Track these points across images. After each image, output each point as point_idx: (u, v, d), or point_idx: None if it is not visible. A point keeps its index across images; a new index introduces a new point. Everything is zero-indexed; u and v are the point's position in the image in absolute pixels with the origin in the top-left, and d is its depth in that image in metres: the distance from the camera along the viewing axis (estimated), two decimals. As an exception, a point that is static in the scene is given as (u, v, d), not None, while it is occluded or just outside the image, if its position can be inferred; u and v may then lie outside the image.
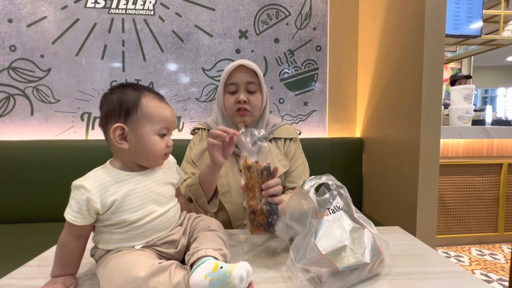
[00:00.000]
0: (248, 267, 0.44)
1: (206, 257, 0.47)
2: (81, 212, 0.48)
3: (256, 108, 0.80)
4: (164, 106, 0.55)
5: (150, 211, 0.52)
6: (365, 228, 0.56)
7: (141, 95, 0.52)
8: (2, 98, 1.48)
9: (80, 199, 0.47)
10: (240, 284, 0.43)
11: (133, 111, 0.51)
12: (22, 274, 0.56)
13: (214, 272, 0.43)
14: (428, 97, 1.10)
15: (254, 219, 0.60)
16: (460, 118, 1.68)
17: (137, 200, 0.51)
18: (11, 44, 1.47)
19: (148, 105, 0.52)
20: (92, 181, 0.49)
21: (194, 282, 0.43)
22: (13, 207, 1.38)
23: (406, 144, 1.20)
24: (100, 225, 0.51)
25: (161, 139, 0.53)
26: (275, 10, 1.62)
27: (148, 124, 0.51)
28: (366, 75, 1.59)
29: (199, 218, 0.62)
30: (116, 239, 0.51)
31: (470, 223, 1.82)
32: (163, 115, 0.53)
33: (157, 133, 0.53)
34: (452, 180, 1.78)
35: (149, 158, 0.53)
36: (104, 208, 0.48)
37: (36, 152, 1.39)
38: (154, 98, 0.54)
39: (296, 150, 0.88)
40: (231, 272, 0.43)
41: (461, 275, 0.55)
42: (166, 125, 0.54)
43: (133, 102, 0.51)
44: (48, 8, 1.48)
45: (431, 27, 1.08)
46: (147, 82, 1.58)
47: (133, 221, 0.50)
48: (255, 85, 0.79)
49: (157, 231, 0.54)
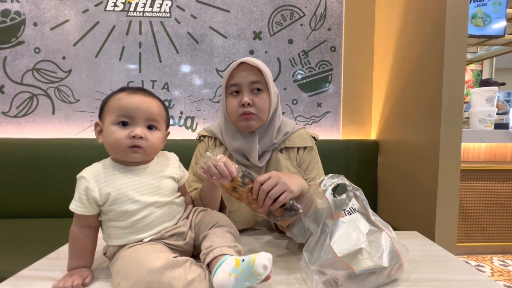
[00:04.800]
0: (269, 255, 0.44)
1: (223, 256, 0.46)
2: (81, 201, 0.50)
3: (263, 111, 0.70)
4: (128, 97, 0.53)
5: (149, 201, 0.53)
6: (383, 231, 0.54)
7: (116, 93, 0.55)
8: (26, 98, 1.55)
9: (80, 189, 0.50)
10: (265, 272, 0.42)
11: (103, 107, 0.55)
12: (42, 266, 0.58)
13: (237, 267, 0.43)
14: (449, 99, 1.06)
15: (276, 217, 0.58)
16: (481, 121, 1.61)
17: (134, 191, 0.52)
18: (36, 46, 1.54)
19: (114, 98, 0.54)
20: (90, 172, 0.52)
21: (219, 281, 0.43)
22: (34, 202, 1.43)
23: (425, 148, 1.16)
24: (105, 217, 0.52)
25: (120, 128, 0.52)
26: (289, 11, 1.62)
27: (107, 116, 0.53)
28: (382, 76, 1.56)
29: (204, 211, 0.61)
30: (123, 233, 0.52)
31: (492, 232, 1.73)
32: (119, 104, 0.52)
33: (114, 123, 0.52)
34: (473, 185, 1.70)
35: (113, 150, 0.53)
36: (102, 198, 0.50)
37: (56, 150, 1.45)
38: (125, 93, 0.54)
39: (311, 161, 0.79)
40: (254, 261, 0.43)
41: (486, 284, 0.52)
42: (122, 112, 0.51)
43: (105, 100, 0.55)
44: (70, 12, 1.54)
45: (452, 26, 1.05)
46: (162, 83, 1.61)
47: (133, 212, 0.51)
48: (260, 84, 0.69)
49: (162, 222, 0.54)
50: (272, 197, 0.54)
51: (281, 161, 0.75)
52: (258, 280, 0.43)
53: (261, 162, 0.74)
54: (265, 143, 0.74)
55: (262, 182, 0.54)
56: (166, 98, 1.61)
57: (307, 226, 0.57)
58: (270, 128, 0.74)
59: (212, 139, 0.81)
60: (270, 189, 0.54)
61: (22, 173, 1.42)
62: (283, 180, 0.55)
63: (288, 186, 0.55)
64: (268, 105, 0.71)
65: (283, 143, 0.77)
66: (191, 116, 1.64)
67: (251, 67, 0.69)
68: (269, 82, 0.70)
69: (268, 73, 0.70)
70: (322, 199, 0.55)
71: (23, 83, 1.54)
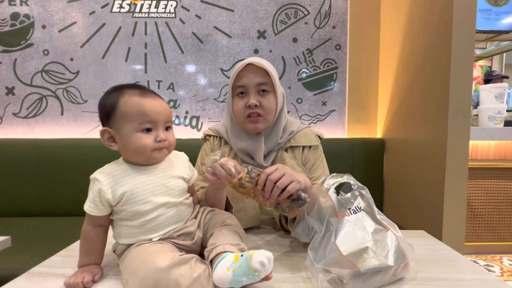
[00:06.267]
0: (269, 254, 0.44)
1: (225, 253, 0.47)
2: (94, 203, 0.51)
3: (270, 112, 0.70)
4: (144, 100, 0.52)
5: (161, 202, 0.53)
6: (389, 230, 0.54)
7: (120, 96, 0.52)
8: (36, 99, 1.59)
9: (94, 190, 0.51)
10: (262, 269, 0.42)
11: (112, 114, 0.52)
12: (54, 263, 0.60)
13: (235, 262, 0.44)
14: (457, 96, 1.04)
15: (284, 209, 0.58)
16: (490, 119, 1.58)
17: (146, 191, 0.53)
18: (45, 48, 1.57)
19: (125, 104, 0.52)
20: (104, 174, 0.52)
21: (218, 276, 0.44)
22: (44, 201, 1.47)
23: (432, 146, 1.15)
24: (117, 217, 0.53)
25: (146, 134, 0.52)
26: (293, 9, 1.62)
27: (126, 124, 0.51)
28: (388, 73, 1.54)
29: (213, 211, 0.62)
30: (134, 233, 0.53)
31: (502, 231, 1.70)
32: (140, 110, 0.51)
33: (138, 130, 0.51)
34: (482, 184, 1.67)
35: (138, 155, 0.53)
36: (115, 199, 0.51)
37: (65, 150, 1.48)
38: (134, 95, 0.52)
39: (316, 160, 0.78)
40: (251, 257, 0.43)
41: (495, 284, 0.51)
42: (146, 119, 0.51)
43: (112, 105, 0.52)
44: (77, 14, 1.57)
45: (460, 22, 1.03)
46: (168, 83, 1.62)
47: (145, 212, 0.52)
48: (267, 86, 0.69)
49: (172, 223, 0.55)
50: (280, 187, 0.54)
51: (286, 160, 0.75)
52: (256, 277, 0.43)
53: (267, 161, 0.75)
54: (271, 143, 0.74)
55: (269, 173, 0.55)
56: (172, 98, 1.63)
57: (311, 225, 0.57)
58: (276, 128, 0.74)
59: (217, 139, 0.81)
60: (278, 180, 0.54)
61: (33, 172, 1.46)
62: (289, 172, 0.56)
63: (295, 177, 0.55)
64: (275, 106, 0.71)
65: (288, 142, 0.77)
66: (196, 116, 1.65)
67: (257, 68, 0.68)
68: (275, 83, 0.70)
69: (274, 74, 0.70)
70: (325, 197, 0.55)
71: (32, 84, 1.58)
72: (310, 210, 0.57)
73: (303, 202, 0.56)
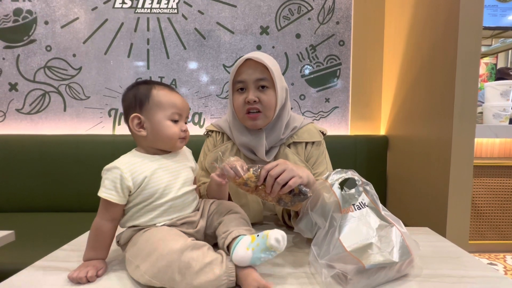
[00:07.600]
0: (282, 232, 0.47)
1: (240, 236, 0.50)
2: (116, 189, 0.52)
3: (269, 108, 0.69)
4: (174, 94, 0.59)
5: (175, 187, 0.56)
6: (393, 226, 0.53)
7: (152, 87, 0.58)
8: (39, 95, 1.59)
9: (114, 178, 0.52)
10: (278, 245, 0.46)
11: (146, 101, 0.56)
12: (57, 257, 0.60)
13: (253, 242, 0.47)
14: (462, 93, 1.03)
15: (286, 204, 0.59)
16: (495, 116, 1.56)
17: (165, 175, 0.56)
18: (47, 44, 1.57)
19: (158, 94, 0.57)
20: (123, 162, 0.54)
21: (239, 256, 0.46)
22: (48, 197, 1.47)
23: (436, 143, 1.14)
24: (129, 205, 0.55)
25: (174, 124, 0.57)
26: (297, 5, 1.60)
27: (159, 111, 0.56)
28: (392, 70, 1.52)
29: (216, 202, 0.64)
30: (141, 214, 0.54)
31: (506, 229, 1.69)
32: (172, 102, 0.57)
33: (169, 118, 0.57)
34: (486, 182, 1.66)
35: (165, 141, 0.57)
36: (135, 186, 0.53)
37: (68, 146, 1.48)
38: (164, 88, 0.59)
39: (318, 156, 0.78)
40: (267, 235, 0.46)
41: (500, 281, 0.51)
42: (176, 110, 0.57)
43: (145, 93, 0.57)
44: (80, 10, 1.57)
45: (466, 18, 1.01)
46: (170, 79, 1.62)
47: (160, 195, 0.54)
48: (266, 82, 0.68)
49: (179, 210, 0.57)
50: (281, 183, 0.54)
51: (289, 156, 0.75)
52: (273, 253, 0.47)
53: (269, 157, 0.74)
54: (273, 138, 0.74)
55: (269, 169, 0.56)
56: (174, 94, 1.62)
57: (314, 221, 0.57)
58: (277, 124, 0.74)
59: (219, 134, 0.81)
60: (278, 176, 0.54)
61: (36, 168, 1.47)
62: (290, 167, 0.56)
63: (295, 172, 0.55)
64: (274, 102, 0.70)
65: (291, 138, 0.77)
66: (198, 112, 1.64)
67: (257, 63, 0.68)
68: (275, 78, 0.69)
69: (275, 69, 0.69)
70: (329, 193, 0.54)
71: (35, 80, 1.58)
72: (314, 206, 0.56)
73: (305, 196, 0.57)
